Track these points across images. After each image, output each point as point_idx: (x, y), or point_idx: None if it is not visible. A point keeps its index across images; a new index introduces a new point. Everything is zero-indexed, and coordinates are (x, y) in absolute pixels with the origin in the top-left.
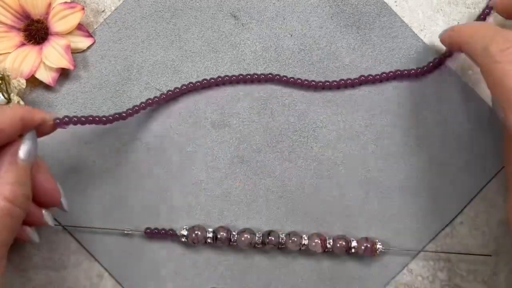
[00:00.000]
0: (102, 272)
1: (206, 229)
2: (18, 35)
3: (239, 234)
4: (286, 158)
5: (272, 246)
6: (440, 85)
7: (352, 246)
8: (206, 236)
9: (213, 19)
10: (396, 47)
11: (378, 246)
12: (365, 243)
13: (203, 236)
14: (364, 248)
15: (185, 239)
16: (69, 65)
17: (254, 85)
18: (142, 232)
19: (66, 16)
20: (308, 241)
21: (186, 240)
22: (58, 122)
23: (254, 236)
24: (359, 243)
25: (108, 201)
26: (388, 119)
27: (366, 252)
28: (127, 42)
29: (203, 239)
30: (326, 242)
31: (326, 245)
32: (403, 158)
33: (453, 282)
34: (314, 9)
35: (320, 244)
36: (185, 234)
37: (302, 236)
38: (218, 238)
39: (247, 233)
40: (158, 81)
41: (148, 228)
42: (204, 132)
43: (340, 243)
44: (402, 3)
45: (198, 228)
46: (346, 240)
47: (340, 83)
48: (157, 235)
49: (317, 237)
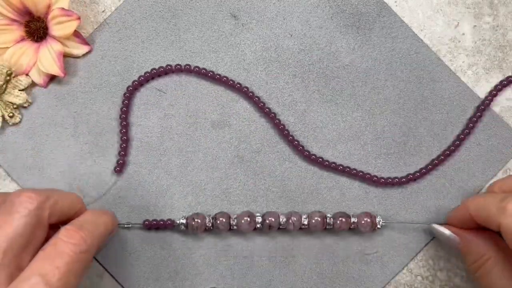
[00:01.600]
0: (102, 272)
1: (205, 216)
2: (20, 29)
3: (239, 218)
4: (286, 158)
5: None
6: (438, 84)
7: (352, 222)
8: (206, 222)
9: (213, 19)
10: (396, 47)
11: (378, 220)
12: (365, 218)
13: (203, 223)
14: (364, 223)
15: (184, 228)
16: (60, 72)
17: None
18: (141, 224)
19: (63, 22)
20: (308, 219)
21: (185, 229)
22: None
23: (254, 218)
24: (359, 217)
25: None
26: (388, 119)
27: (366, 227)
28: (127, 42)
29: (203, 226)
30: (326, 219)
31: (326, 222)
32: (403, 158)
33: (453, 282)
34: (314, 9)
35: (320, 221)
36: (183, 222)
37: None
38: (218, 224)
39: (246, 215)
40: (158, 81)
41: (147, 220)
42: (204, 132)
43: (341, 219)
44: (402, 3)
45: (197, 216)
46: (346, 215)
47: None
48: (156, 225)
49: (317, 215)
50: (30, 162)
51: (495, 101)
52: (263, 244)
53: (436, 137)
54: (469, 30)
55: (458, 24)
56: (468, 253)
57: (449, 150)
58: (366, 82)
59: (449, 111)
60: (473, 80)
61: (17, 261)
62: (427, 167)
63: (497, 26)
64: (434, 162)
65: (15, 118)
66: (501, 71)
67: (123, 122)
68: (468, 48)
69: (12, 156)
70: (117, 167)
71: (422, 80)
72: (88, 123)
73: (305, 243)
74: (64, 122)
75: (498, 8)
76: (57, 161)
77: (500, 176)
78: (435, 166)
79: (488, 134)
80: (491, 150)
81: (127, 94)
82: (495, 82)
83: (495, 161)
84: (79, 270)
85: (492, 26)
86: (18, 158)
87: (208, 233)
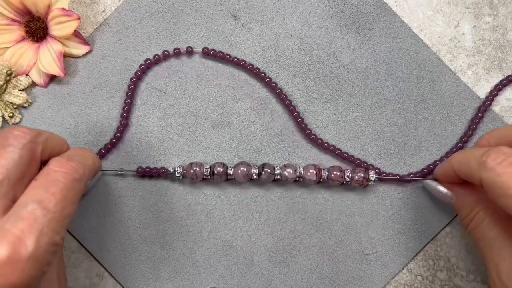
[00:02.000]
0: (102, 272)
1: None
2: (20, 29)
3: (235, 167)
4: (286, 158)
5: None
6: (437, 85)
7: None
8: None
9: (213, 19)
10: (396, 47)
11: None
12: (359, 172)
13: (201, 172)
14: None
15: (179, 176)
16: (60, 72)
17: (255, 84)
18: (135, 171)
19: (63, 22)
20: (303, 170)
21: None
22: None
23: (250, 168)
24: (353, 172)
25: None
26: (388, 119)
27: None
28: (127, 42)
29: (201, 175)
30: (322, 172)
31: (321, 175)
32: (403, 158)
33: (453, 282)
34: (314, 9)
35: (315, 173)
36: (179, 171)
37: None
38: (215, 173)
39: (243, 166)
40: (158, 81)
41: (140, 167)
42: (204, 132)
43: (335, 173)
44: (402, 3)
45: (196, 164)
46: (341, 169)
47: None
48: (149, 173)
49: (312, 167)
50: None
51: (495, 101)
52: (263, 243)
53: (436, 137)
54: (469, 30)
55: (458, 24)
56: (460, 208)
57: (451, 152)
58: (366, 82)
59: (449, 111)
60: (473, 80)
61: (13, 193)
62: (429, 168)
63: (497, 26)
64: (435, 163)
65: (15, 118)
66: (501, 71)
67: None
68: (468, 48)
69: None
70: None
71: (422, 80)
72: (88, 123)
73: (303, 200)
74: (64, 122)
75: (498, 8)
76: None
77: None
78: (436, 166)
79: None
80: None
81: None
82: (495, 82)
83: None
84: (74, 198)
85: (492, 26)
86: None
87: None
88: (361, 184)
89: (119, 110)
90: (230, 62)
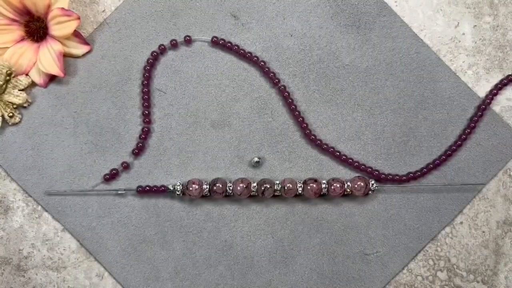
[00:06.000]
0: (102, 272)
1: (202, 182)
2: (20, 29)
3: (235, 184)
4: (286, 158)
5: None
6: (437, 85)
7: (346, 186)
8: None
9: (213, 19)
10: (396, 47)
11: (372, 183)
12: (359, 182)
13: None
14: (357, 187)
15: (179, 194)
16: (60, 72)
17: (256, 83)
18: (135, 190)
19: (63, 22)
20: (303, 185)
21: (180, 194)
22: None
23: (250, 184)
24: (353, 182)
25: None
26: (388, 118)
27: (359, 191)
28: (127, 42)
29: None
30: (321, 185)
31: (321, 189)
32: (404, 158)
33: (453, 282)
34: (314, 9)
35: (315, 187)
36: (179, 187)
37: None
38: (214, 190)
39: (242, 182)
40: (159, 81)
41: (140, 186)
42: (204, 132)
43: (335, 185)
44: (402, 3)
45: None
46: (340, 181)
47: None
48: (149, 192)
49: (312, 182)
50: (30, 162)
51: (495, 101)
52: (263, 244)
53: (437, 137)
54: (469, 30)
55: (458, 24)
56: None
57: (450, 150)
58: (366, 82)
59: (449, 111)
60: (473, 80)
61: None
62: (428, 166)
63: (497, 26)
64: (435, 162)
65: (15, 118)
66: (501, 71)
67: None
68: (468, 48)
69: (12, 156)
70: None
71: (422, 80)
72: (88, 123)
73: (302, 214)
74: (63, 122)
75: (498, 8)
76: (57, 161)
77: (500, 176)
78: (436, 166)
79: (489, 134)
80: (491, 150)
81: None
82: (495, 81)
83: (495, 161)
84: None
85: (492, 26)
86: (18, 158)
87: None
88: (362, 194)
89: (119, 110)
90: (237, 54)
